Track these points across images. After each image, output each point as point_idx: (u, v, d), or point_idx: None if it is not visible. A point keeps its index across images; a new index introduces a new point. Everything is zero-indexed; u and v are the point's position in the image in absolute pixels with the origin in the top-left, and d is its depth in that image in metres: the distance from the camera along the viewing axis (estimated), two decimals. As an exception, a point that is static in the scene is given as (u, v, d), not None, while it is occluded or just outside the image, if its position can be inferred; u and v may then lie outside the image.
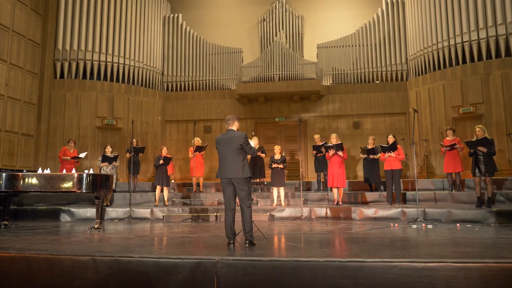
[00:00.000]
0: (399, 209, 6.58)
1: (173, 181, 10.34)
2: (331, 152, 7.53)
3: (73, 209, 7.03)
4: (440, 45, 10.21)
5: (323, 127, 11.62)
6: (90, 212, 7.07)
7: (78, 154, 8.25)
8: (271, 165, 7.79)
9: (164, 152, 8.04)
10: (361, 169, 11.16)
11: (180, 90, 12.41)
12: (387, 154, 7.29)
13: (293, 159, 11.54)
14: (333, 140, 7.66)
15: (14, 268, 3.55)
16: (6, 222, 5.83)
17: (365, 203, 7.89)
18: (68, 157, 8.28)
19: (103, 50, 11.09)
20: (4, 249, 3.82)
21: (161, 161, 7.79)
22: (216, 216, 7.12)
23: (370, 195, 7.96)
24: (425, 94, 10.55)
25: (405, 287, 3.02)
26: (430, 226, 5.61)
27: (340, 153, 7.48)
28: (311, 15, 13.00)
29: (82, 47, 10.88)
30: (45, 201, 7.69)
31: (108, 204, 7.76)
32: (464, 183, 7.83)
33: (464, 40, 9.73)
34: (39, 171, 5.40)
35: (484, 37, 9.42)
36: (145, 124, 11.71)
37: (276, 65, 11.41)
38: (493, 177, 6.36)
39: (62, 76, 10.85)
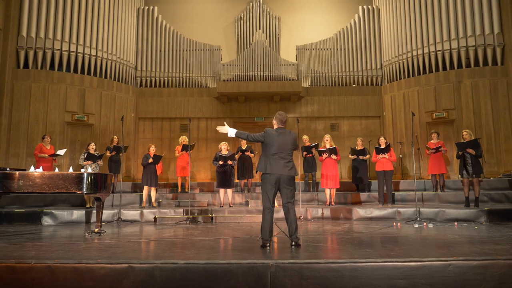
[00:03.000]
0: (395, 209, 6.80)
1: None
2: (324, 155, 7.61)
3: (56, 212, 6.38)
4: (414, 53, 10.77)
5: (302, 128, 11.72)
6: (76, 214, 6.48)
7: (56, 151, 7.55)
8: (265, 165, 7.66)
9: (152, 150, 7.61)
10: (341, 170, 11.50)
11: (155, 86, 11.87)
12: (380, 155, 7.51)
13: (272, 160, 11.51)
14: (327, 141, 7.74)
15: (35, 280, 3.12)
16: (-17, 227, 5.15)
17: (355, 203, 8.06)
18: (46, 155, 7.54)
19: (73, 40, 10.27)
20: (16, 258, 3.35)
21: (150, 160, 7.36)
22: (211, 217, 6.87)
23: (359, 196, 8.15)
24: (400, 99, 11.07)
25: (460, 285, 3.09)
26: (430, 225, 5.85)
27: (333, 156, 7.57)
28: (287, 16, 13.07)
29: (50, 35, 9.99)
30: (18, 202, 6.91)
31: (91, 205, 7.17)
32: (444, 184, 8.28)
33: (437, 49, 10.35)
34: (32, 169, 4.83)
35: (455, 47, 10.09)
36: (118, 120, 11.02)
37: (257, 65, 11.32)
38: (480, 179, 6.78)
39: (26, 65, 9.89)
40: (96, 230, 5.00)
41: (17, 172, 4.46)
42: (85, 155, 7.17)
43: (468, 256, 3.25)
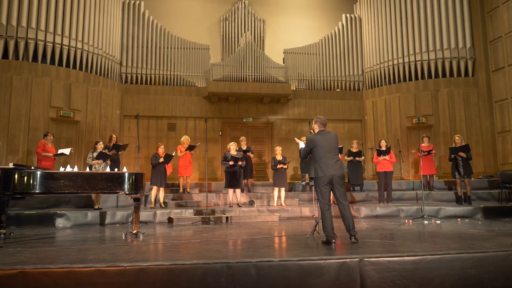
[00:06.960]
0: (398, 207, 7.30)
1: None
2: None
3: (69, 214, 6.02)
4: (395, 62, 11.55)
5: (289, 129, 12.04)
6: (90, 216, 6.17)
7: (57, 150, 7.12)
8: (275, 165, 7.83)
9: (161, 150, 7.44)
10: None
11: (141, 83, 11.49)
12: (381, 157, 8.00)
13: (261, 160, 11.70)
14: (332, 142, 8.07)
15: (130, 283, 3.03)
16: (4, 231, 4.76)
17: (353, 202, 8.49)
18: (50, 154, 7.08)
19: (58, 31, 9.63)
20: (99, 262, 3.22)
21: (161, 159, 7.19)
22: (226, 217, 6.89)
23: (358, 195, 8.60)
24: (382, 104, 11.79)
25: (518, 273, 3.52)
26: (438, 222, 6.39)
27: (339, 155, 7.93)
28: (272, 19, 13.29)
29: (33, 25, 9.28)
30: (21, 204, 6.39)
31: (99, 207, 6.84)
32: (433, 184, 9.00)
33: (416, 59, 11.20)
34: (68, 168, 4.57)
35: (433, 58, 10.99)
36: (104, 118, 10.54)
37: (247, 66, 11.42)
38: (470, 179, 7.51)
39: (6, 56, 9.10)
40: (134, 231, 4.84)
41: (57, 172, 4.21)
42: (94, 154, 6.83)
43: (521, 247, 3.70)
